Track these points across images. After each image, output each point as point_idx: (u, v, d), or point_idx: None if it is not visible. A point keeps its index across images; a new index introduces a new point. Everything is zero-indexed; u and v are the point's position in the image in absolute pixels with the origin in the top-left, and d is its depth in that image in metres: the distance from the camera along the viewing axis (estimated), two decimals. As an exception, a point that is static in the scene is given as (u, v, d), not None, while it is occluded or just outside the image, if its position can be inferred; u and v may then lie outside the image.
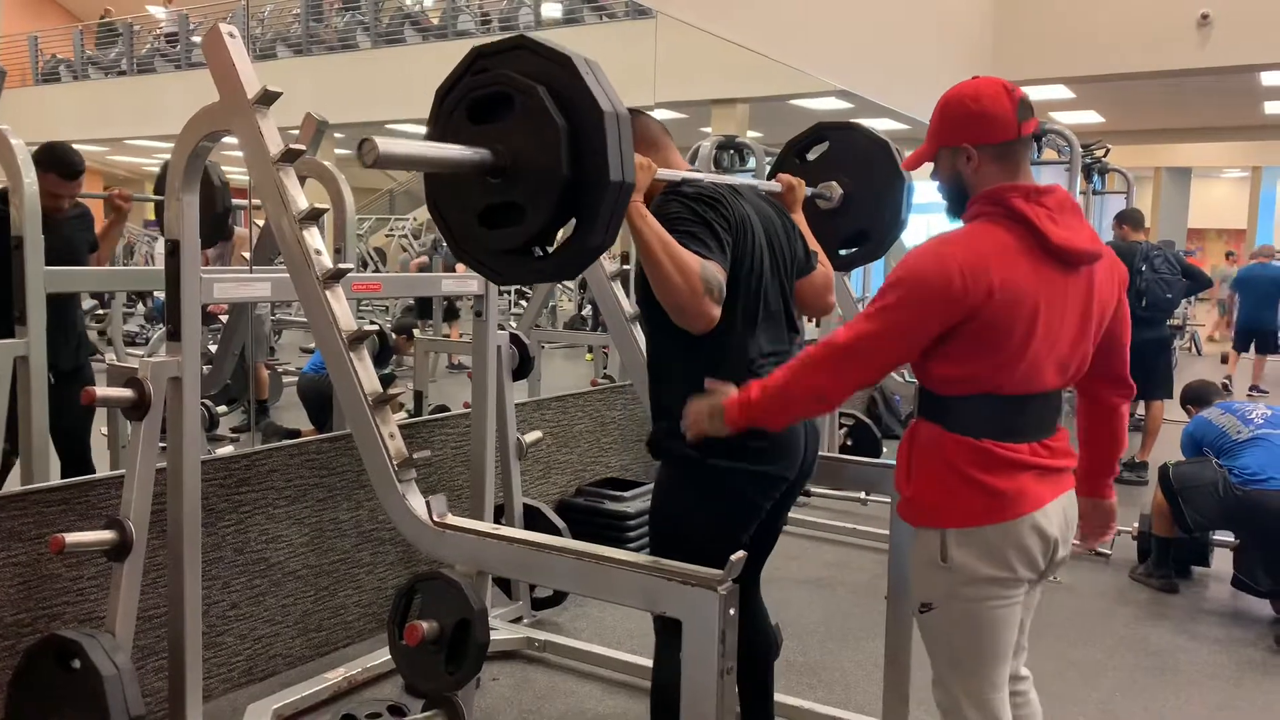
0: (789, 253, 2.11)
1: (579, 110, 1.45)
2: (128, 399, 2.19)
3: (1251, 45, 8.69)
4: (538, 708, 2.89)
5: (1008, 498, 1.72)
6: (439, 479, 3.52)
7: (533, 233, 1.52)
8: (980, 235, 1.72)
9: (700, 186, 1.93)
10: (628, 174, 1.47)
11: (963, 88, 1.79)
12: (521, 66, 1.49)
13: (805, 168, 2.62)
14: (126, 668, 2.08)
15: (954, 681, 1.81)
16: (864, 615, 3.54)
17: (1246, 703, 3.09)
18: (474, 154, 1.49)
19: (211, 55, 2.04)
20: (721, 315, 1.84)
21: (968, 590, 1.74)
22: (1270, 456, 3.75)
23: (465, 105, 1.53)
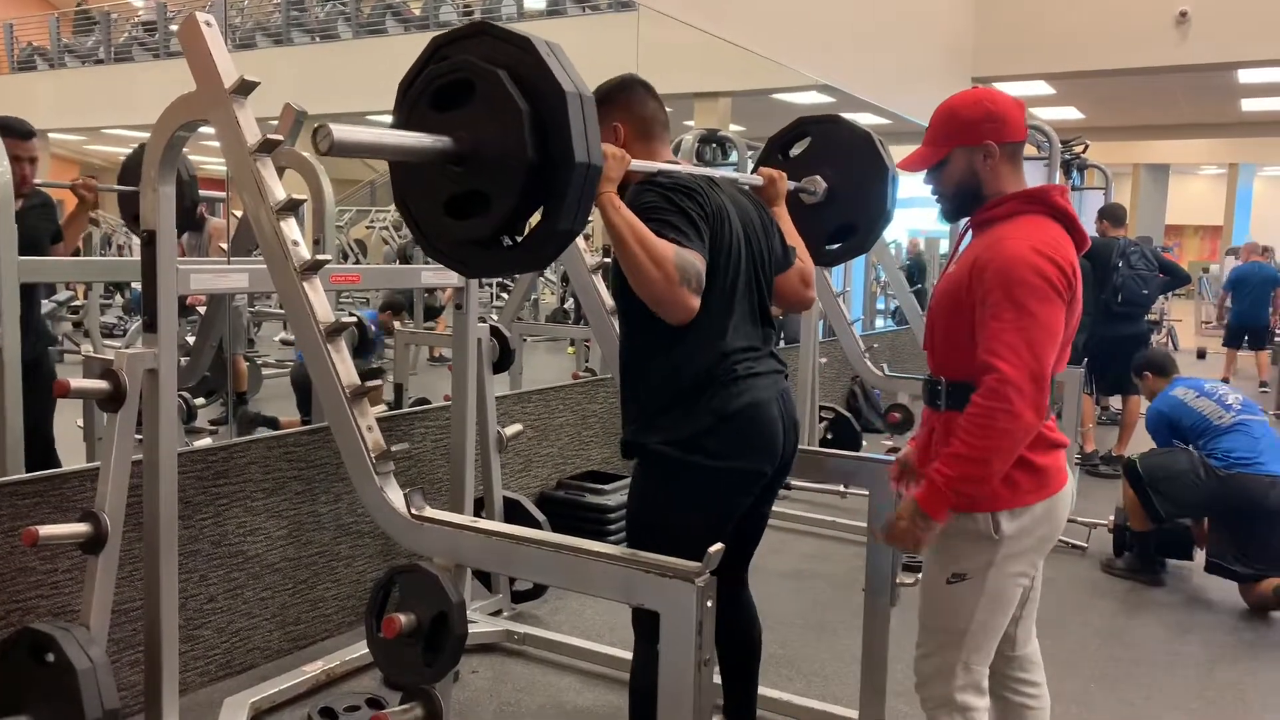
0: (766, 248, 2.10)
1: (541, 93, 1.42)
2: (103, 390, 2.17)
3: (1229, 43, 8.77)
4: (517, 700, 2.89)
5: (1050, 474, 1.88)
6: (419, 472, 3.51)
7: (499, 222, 1.49)
8: (1044, 228, 1.83)
9: (676, 177, 1.92)
10: (594, 155, 1.44)
11: (974, 93, 1.91)
12: (482, 52, 1.47)
13: (789, 164, 2.61)
14: (101, 661, 2.07)
15: (953, 650, 1.90)
16: (842, 607, 3.56)
17: (1219, 693, 3.13)
18: (434, 141, 1.46)
19: (188, 44, 2.02)
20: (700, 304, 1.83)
21: (1008, 564, 1.86)
22: (1253, 442, 3.83)
23: (428, 95, 1.50)
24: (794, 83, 7.24)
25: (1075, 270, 1.81)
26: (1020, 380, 1.71)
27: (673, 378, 1.94)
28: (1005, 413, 1.71)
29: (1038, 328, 1.74)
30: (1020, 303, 1.73)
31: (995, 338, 1.74)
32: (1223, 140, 16.60)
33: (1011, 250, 1.77)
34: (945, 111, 1.92)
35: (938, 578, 1.91)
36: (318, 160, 3.59)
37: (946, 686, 1.90)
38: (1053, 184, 1.89)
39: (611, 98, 2.08)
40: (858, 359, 4.40)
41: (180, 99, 2.08)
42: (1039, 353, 1.73)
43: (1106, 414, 7.52)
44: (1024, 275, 1.74)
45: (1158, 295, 6.90)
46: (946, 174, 1.92)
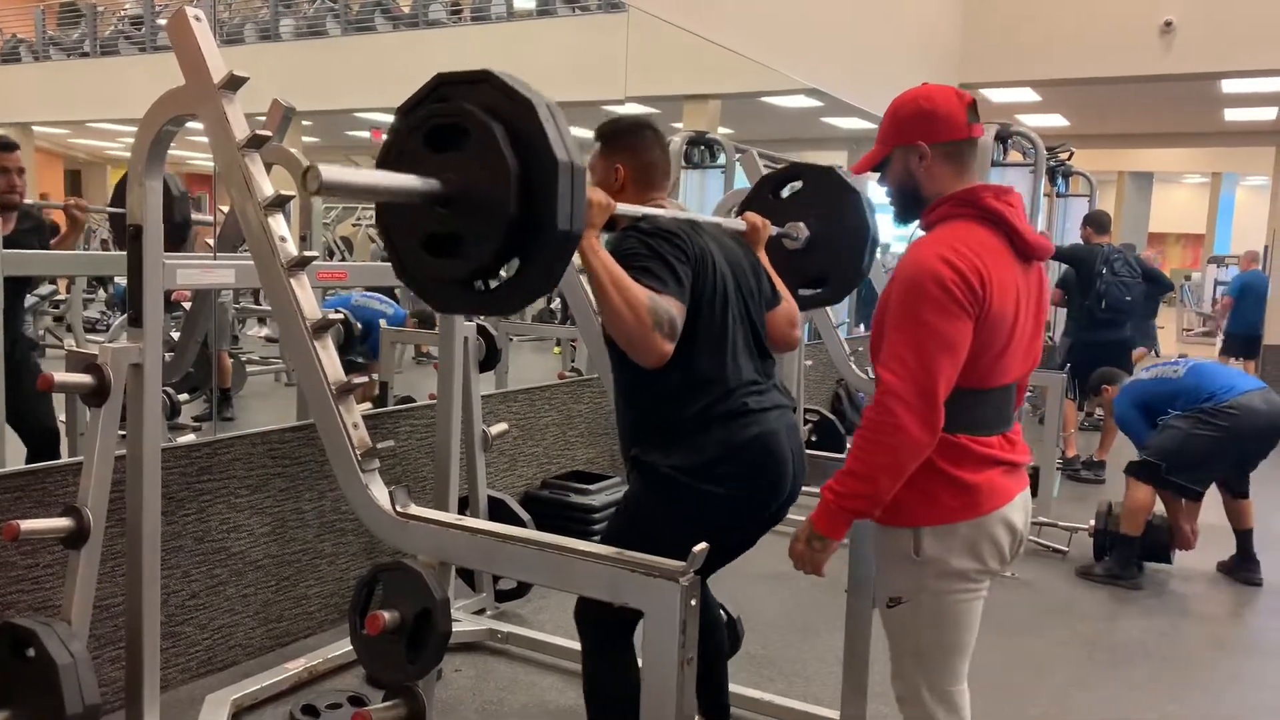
0: (756, 287, 2.14)
1: (535, 155, 1.43)
2: (87, 385, 2.16)
3: (1213, 52, 8.85)
4: (500, 699, 2.89)
5: (981, 493, 1.76)
6: (404, 470, 3.51)
7: (474, 267, 1.50)
8: (966, 234, 1.74)
9: (659, 222, 1.95)
10: (576, 225, 1.45)
11: (914, 91, 1.85)
12: (483, 101, 1.47)
13: (777, 203, 2.66)
14: (82, 656, 2.06)
15: (917, 674, 1.85)
16: (824, 609, 3.57)
17: (1197, 697, 3.16)
18: (422, 184, 1.47)
19: (177, 39, 2.02)
20: (687, 346, 1.88)
21: (938, 584, 1.78)
22: (1213, 375, 4.08)
23: (423, 131, 1.51)
24: (783, 86, 7.26)
25: (988, 279, 1.69)
26: (905, 393, 1.65)
27: (676, 409, 1.97)
28: (890, 426, 1.66)
29: (931, 340, 1.66)
30: (916, 314, 1.67)
31: (889, 348, 1.70)
32: (1206, 149, 16.73)
33: (917, 259, 1.71)
34: (888, 110, 1.87)
35: (881, 602, 1.88)
36: (306, 157, 3.59)
37: (918, 707, 1.86)
38: (987, 184, 1.81)
39: (620, 138, 2.12)
40: (842, 362, 4.42)
41: (168, 93, 2.08)
42: (929, 366, 1.65)
43: (1089, 419, 7.57)
44: (923, 285, 1.67)
45: (1141, 302, 6.95)
46: (889, 175, 1.88)
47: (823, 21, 7.22)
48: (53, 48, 12.60)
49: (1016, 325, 1.76)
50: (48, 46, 12.61)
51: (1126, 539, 4.11)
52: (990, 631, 3.58)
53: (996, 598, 3.80)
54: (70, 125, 12.60)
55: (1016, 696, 3.06)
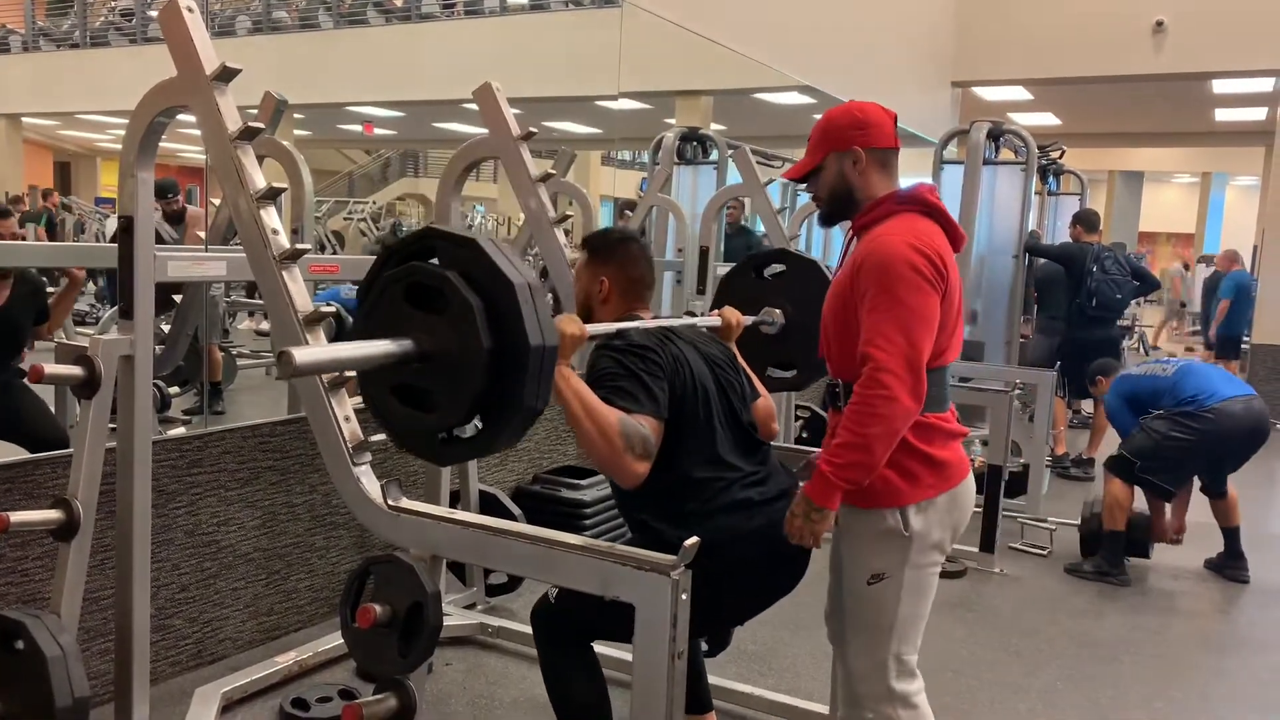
0: (737, 383, 2.17)
1: (509, 335, 1.48)
2: (77, 377, 2.15)
3: (1204, 53, 8.89)
4: (490, 693, 2.90)
5: (951, 466, 1.94)
6: (394, 465, 3.50)
7: (439, 425, 1.55)
8: (918, 224, 1.90)
9: (630, 337, 1.99)
10: (548, 338, 1.49)
11: (846, 105, 2.02)
12: (466, 267, 1.50)
13: (759, 283, 2.70)
14: (71, 649, 2.06)
15: (886, 648, 1.94)
16: (814, 604, 3.55)
17: (1183, 692, 3.18)
18: (396, 346, 1.50)
19: (169, 30, 2.01)
20: (674, 452, 1.93)
21: (919, 557, 1.92)
22: (1201, 379, 4.10)
23: (404, 284, 1.53)
24: (776, 83, 7.26)
25: (946, 262, 1.87)
26: (896, 367, 1.78)
27: (677, 502, 1.99)
28: (883, 398, 1.78)
29: (913, 317, 1.80)
30: (895, 294, 1.81)
31: (873, 328, 1.81)
32: (1196, 149, 16.82)
33: (886, 246, 1.85)
34: (820, 123, 2.02)
35: (857, 580, 1.97)
36: (297, 150, 3.58)
37: (883, 680, 1.95)
38: (923, 183, 1.99)
39: (608, 253, 2.18)
40: (834, 358, 4.43)
41: (160, 85, 2.07)
42: (913, 339, 1.79)
43: (1078, 417, 7.61)
44: (898, 269, 1.81)
45: (1130, 300, 6.98)
46: (822, 180, 2.00)
47: (816, 19, 7.23)
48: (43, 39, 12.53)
49: (958, 309, 1.94)
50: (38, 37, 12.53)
51: (1112, 534, 4.14)
52: (979, 628, 3.60)
53: (986, 594, 3.83)
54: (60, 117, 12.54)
55: (1004, 693, 3.07)
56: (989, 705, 2.98)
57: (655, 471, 1.89)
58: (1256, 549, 4.89)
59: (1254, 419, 4.04)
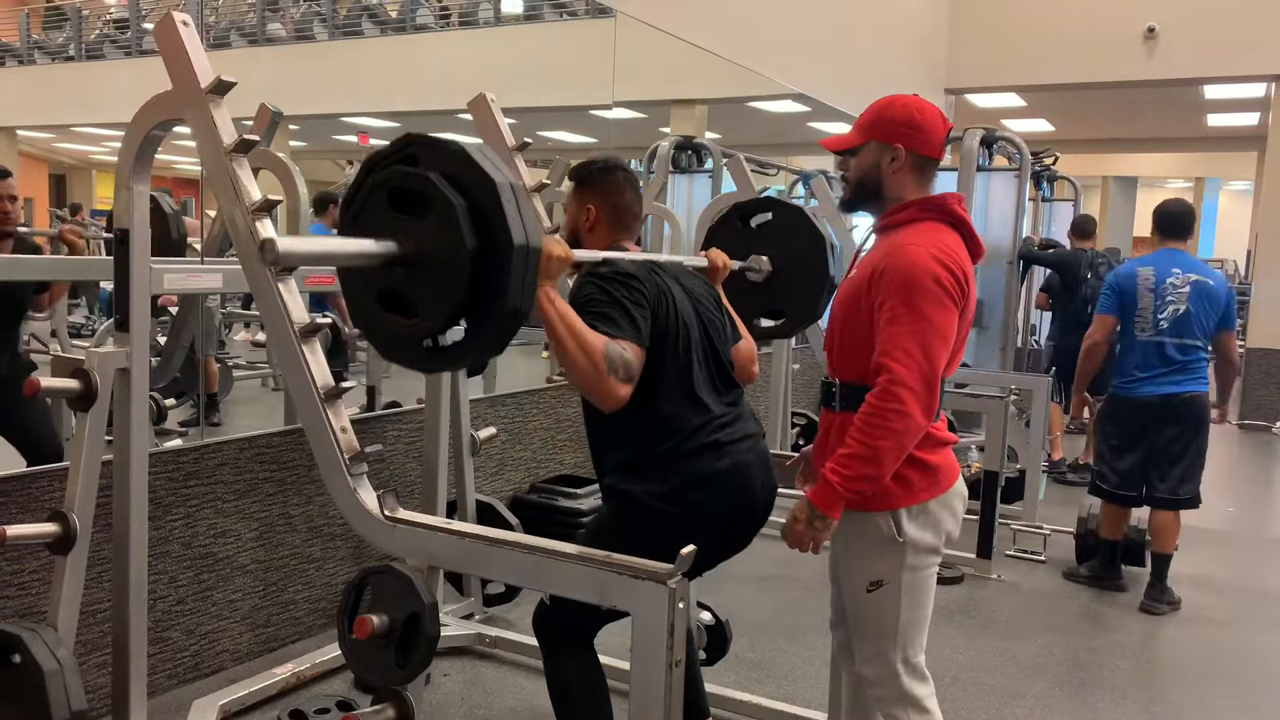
0: (719, 322, 2.18)
1: (492, 235, 1.47)
2: (74, 390, 2.15)
3: (1196, 59, 8.94)
4: (488, 703, 2.89)
5: (942, 471, 1.95)
6: (391, 475, 3.51)
7: (423, 329, 1.54)
8: (941, 235, 1.88)
9: (616, 265, 2.00)
10: (531, 239, 1.48)
11: (911, 99, 1.96)
12: (449, 169, 1.49)
13: (745, 232, 2.69)
14: (68, 662, 2.06)
15: (893, 651, 1.95)
16: (811, 611, 3.59)
17: (1178, 697, 3.19)
18: (379, 247, 1.49)
19: (165, 43, 2.02)
20: (651, 385, 1.94)
21: (915, 560, 1.93)
22: (1145, 359, 3.88)
23: (387, 189, 1.52)
24: (770, 91, 7.28)
25: (968, 277, 1.87)
26: (912, 381, 1.78)
27: (647, 446, 2.01)
28: (897, 413, 1.78)
29: (931, 331, 1.80)
30: (916, 307, 1.80)
31: (890, 340, 1.80)
32: (1189, 154, 16.88)
33: (911, 256, 1.83)
34: (876, 105, 1.98)
35: (858, 588, 1.97)
36: (292, 161, 3.59)
37: (894, 683, 1.97)
38: (951, 193, 1.96)
39: (593, 180, 2.18)
40: (830, 366, 4.43)
41: (155, 98, 2.07)
42: (931, 355, 1.79)
43: (1074, 422, 7.61)
44: (921, 281, 1.80)
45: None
46: (856, 162, 1.98)
47: (809, 27, 7.26)
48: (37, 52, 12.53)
49: (969, 320, 1.93)
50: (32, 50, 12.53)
51: (1107, 543, 4.13)
52: (976, 634, 3.60)
53: (983, 600, 3.83)
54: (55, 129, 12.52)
55: (1000, 698, 3.07)
56: (986, 711, 2.98)
57: (633, 402, 1.89)
58: (1256, 553, 4.90)
59: (1146, 399, 3.84)
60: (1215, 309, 3.84)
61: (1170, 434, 3.84)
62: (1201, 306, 3.83)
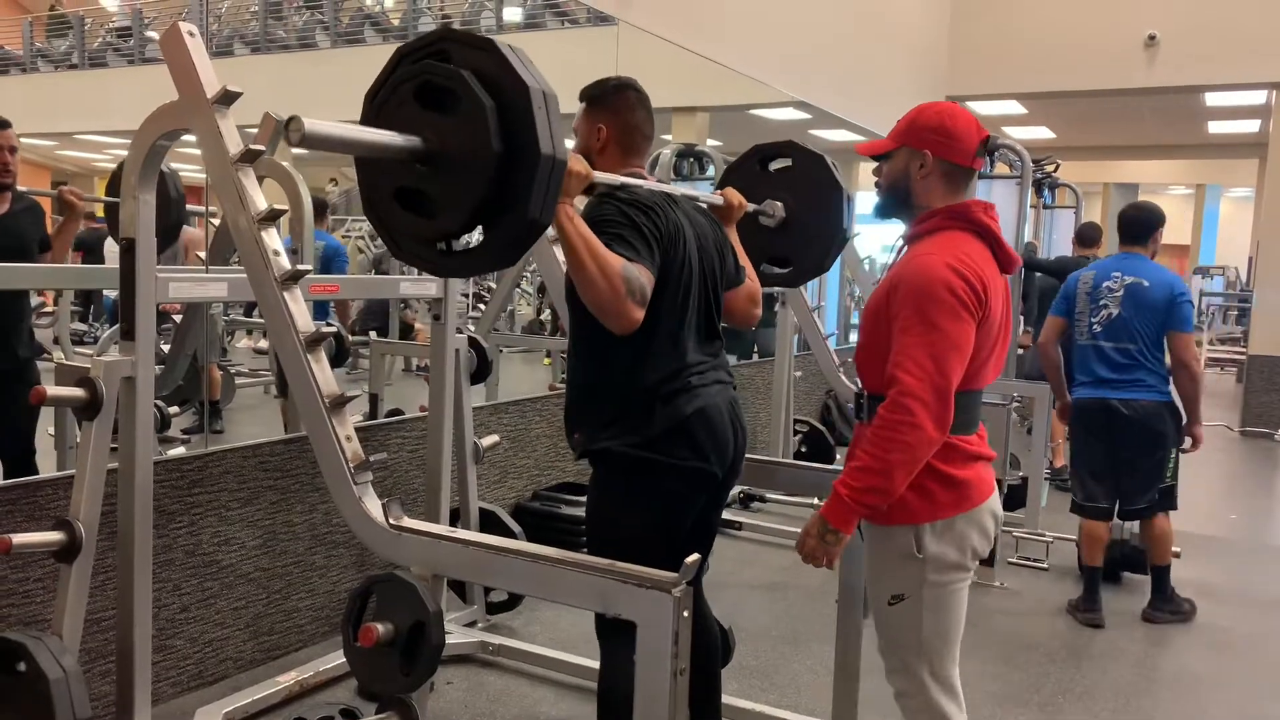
0: (719, 265, 2.17)
1: (519, 140, 1.44)
2: (79, 399, 2.16)
3: (1196, 66, 8.95)
4: (491, 711, 2.89)
5: (971, 487, 1.89)
6: (395, 483, 3.51)
7: (440, 230, 1.51)
8: (963, 245, 1.86)
9: (636, 193, 1.98)
10: (559, 150, 1.46)
11: (945, 106, 1.97)
12: (482, 69, 1.48)
13: (763, 175, 2.66)
14: (74, 670, 2.06)
15: (920, 666, 1.91)
16: (815, 619, 3.59)
17: (1180, 704, 3.18)
18: (404, 140, 1.47)
19: (171, 53, 2.03)
20: (648, 319, 1.90)
21: (938, 576, 1.88)
22: (1084, 362, 3.87)
23: (416, 83, 1.50)
24: (771, 99, 7.30)
25: (988, 287, 1.83)
26: (923, 393, 1.75)
27: (628, 386, 2.01)
28: (908, 425, 1.75)
29: (944, 343, 1.77)
30: (929, 318, 1.77)
31: (902, 351, 1.78)
32: (1190, 161, 16.87)
33: (926, 266, 1.81)
34: (911, 111, 1.99)
35: (880, 601, 1.95)
36: (296, 170, 3.60)
37: (921, 696, 1.93)
38: (978, 200, 1.94)
39: (603, 99, 2.14)
40: (832, 373, 4.44)
41: (162, 108, 2.09)
42: (944, 367, 1.76)
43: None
44: (935, 291, 1.78)
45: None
46: (888, 169, 1.98)
47: (811, 35, 7.27)
48: (40, 60, 12.56)
49: (1001, 331, 1.90)
50: (35, 58, 12.57)
51: (1086, 570, 3.93)
52: (980, 642, 3.60)
53: (986, 607, 3.82)
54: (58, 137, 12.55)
55: (1005, 706, 3.07)
56: (990, 717, 2.98)
57: (619, 339, 1.88)
58: (1258, 560, 4.90)
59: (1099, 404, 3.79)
60: (1152, 312, 3.70)
61: (1120, 442, 3.77)
62: (1133, 309, 3.73)
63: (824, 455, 5.60)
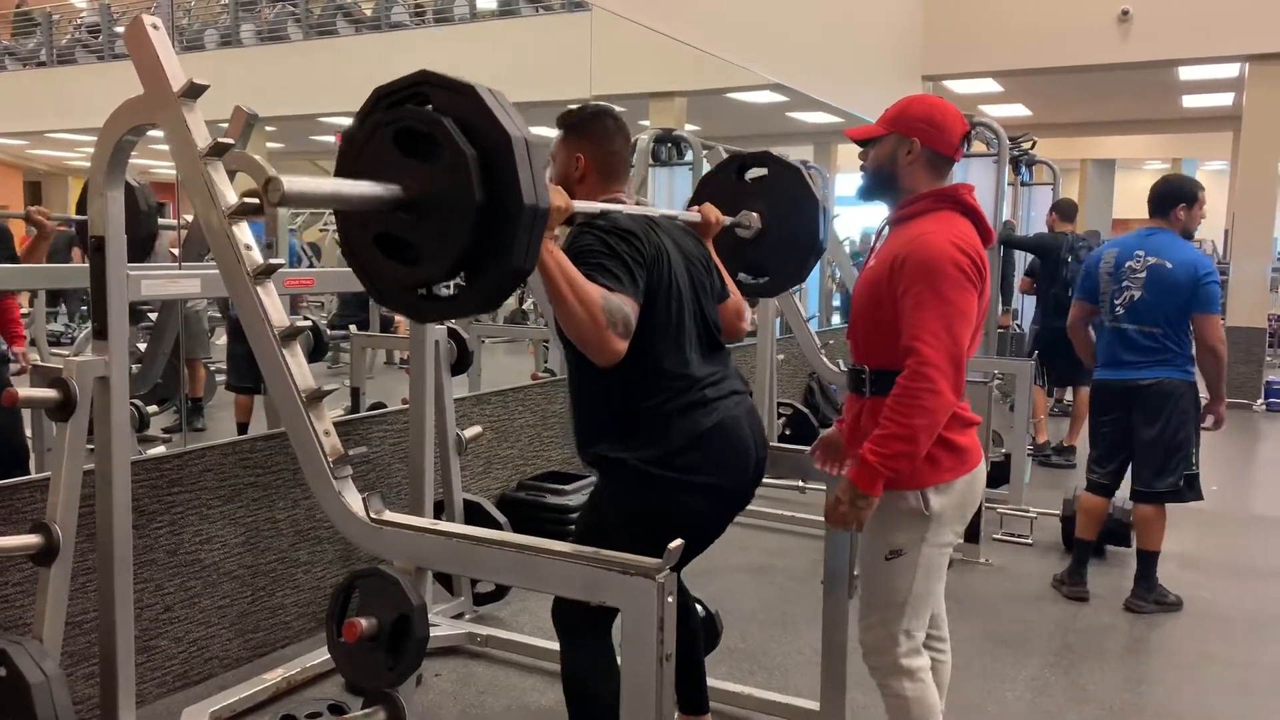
0: (708, 280, 2.18)
1: (502, 192, 1.43)
2: (52, 400, 2.13)
3: (1170, 40, 8.99)
4: (480, 702, 2.89)
5: (969, 451, 2.06)
6: (378, 476, 3.49)
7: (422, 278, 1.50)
8: (957, 223, 1.99)
9: (616, 220, 1.97)
10: (541, 199, 1.45)
11: (934, 99, 2.11)
12: (463, 116, 1.45)
13: (738, 184, 2.67)
14: (55, 674, 2.04)
15: (895, 621, 2.04)
16: (802, 601, 3.60)
17: (1165, 676, 3.21)
18: (384, 190, 1.45)
19: (134, 47, 2.00)
20: (641, 342, 1.90)
21: (936, 535, 2.03)
22: (1110, 346, 3.77)
23: (395, 129, 1.48)
24: (748, 82, 7.29)
25: (984, 261, 1.98)
26: (941, 362, 1.87)
27: (634, 403, 1.99)
28: (930, 392, 1.87)
29: (956, 313, 1.90)
30: (941, 291, 1.90)
31: (918, 324, 1.90)
32: (1166, 136, 16.96)
33: (931, 243, 1.94)
34: (902, 101, 2.11)
35: (876, 556, 2.07)
36: (270, 164, 3.56)
37: (892, 654, 2.05)
38: (962, 183, 2.07)
39: (582, 127, 2.14)
40: (814, 355, 4.45)
41: (127, 103, 2.05)
42: (957, 336, 1.89)
43: (1059, 406, 7.66)
44: (943, 267, 1.91)
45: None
46: (875, 152, 2.09)
47: (786, 18, 7.26)
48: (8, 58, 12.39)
49: (985, 304, 2.03)
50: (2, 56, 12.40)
51: (1079, 542, 3.94)
52: (966, 618, 3.62)
53: (971, 583, 3.84)
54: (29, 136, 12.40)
55: (992, 680, 3.09)
56: (978, 694, 3.00)
57: (617, 366, 1.86)
58: (1240, 531, 4.95)
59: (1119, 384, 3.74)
60: (1175, 294, 3.62)
61: (1140, 422, 3.69)
62: (1156, 292, 3.64)
63: (808, 437, 5.61)
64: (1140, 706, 2.97)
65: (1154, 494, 3.73)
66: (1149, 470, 3.72)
